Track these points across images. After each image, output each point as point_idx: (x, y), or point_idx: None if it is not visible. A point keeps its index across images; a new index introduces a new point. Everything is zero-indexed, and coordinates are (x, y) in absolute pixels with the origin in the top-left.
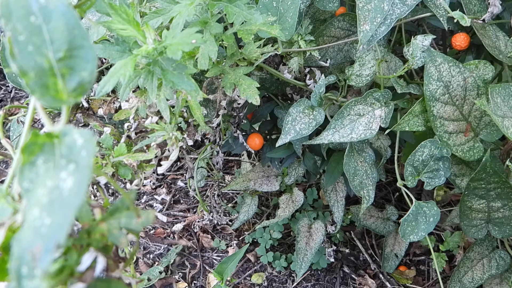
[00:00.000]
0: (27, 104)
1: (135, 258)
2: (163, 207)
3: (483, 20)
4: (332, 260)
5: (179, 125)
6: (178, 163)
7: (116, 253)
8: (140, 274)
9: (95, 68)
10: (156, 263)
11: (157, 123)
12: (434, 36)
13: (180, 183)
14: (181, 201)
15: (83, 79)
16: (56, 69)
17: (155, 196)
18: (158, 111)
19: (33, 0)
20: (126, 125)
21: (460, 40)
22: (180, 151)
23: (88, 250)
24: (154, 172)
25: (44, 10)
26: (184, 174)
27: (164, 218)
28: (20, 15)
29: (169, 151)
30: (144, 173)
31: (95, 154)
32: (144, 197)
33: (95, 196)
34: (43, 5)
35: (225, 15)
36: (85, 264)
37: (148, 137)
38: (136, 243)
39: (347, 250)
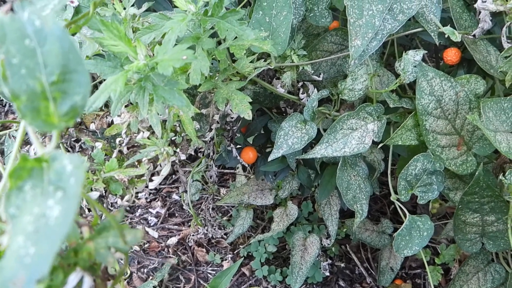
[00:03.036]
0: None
1: (128, 272)
2: (158, 221)
3: (474, 36)
4: (328, 273)
5: (172, 138)
6: (173, 176)
7: (105, 271)
8: None
9: (88, 92)
10: (150, 277)
11: (148, 138)
12: (426, 51)
13: (175, 196)
14: (176, 214)
15: (75, 103)
16: (48, 93)
17: (150, 210)
18: (150, 126)
19: (28, 22)
20: (118, 140)
21: (451, 55)
22: (174, 164)
23: (74, 270)
24: (146, 186)
25: (39, 33)
26: (179, 187)
27: (155, 234)
28: (14, 37)
29: (160, 166)
30: (136, 188)
31: (84, 181)
32: (139, 210)
33: (89, 210)
34: (38, 28)
35: (217, 29)
36: (71, 284)
37: (140, 152)
38: (125, 261)
39: (342, 264)
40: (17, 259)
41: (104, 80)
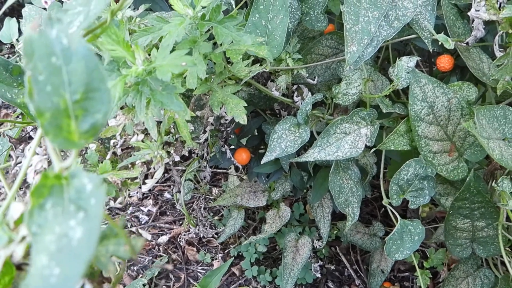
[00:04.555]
0: (17, 117)
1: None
2: (149, 219)
3: (467, 43)
4: (318, 275)
5: (167, 140)
6: (165, 174)
7: (101, 275)
8: (124, 287)
9: (109, 110)
10: (140, 275)
11: (143, 141)
12: (419, 58)
13: (167, 195)
14: (168, 213)
15: (96, 121)
16: (71, 111)
17: (141, 208)
18: (145, 128)
19: (56, 40)
20: (112, 141)
21: (444, 62)
22: (167, 164)
23: None
24: (139, 187)
25: (66, 52)
26: (171, 186)
27: (148, 236)
28: (42, 54)
29: (154, 168)
30: (129, 190)
31: (104, 203)
32: (130, 208)
33: None
34: (65, 46)
35: (215, 34)
36: None
37: (134, 154)
38: (122, 267)
39: (332, 266)
40: (43, 279)
41: None
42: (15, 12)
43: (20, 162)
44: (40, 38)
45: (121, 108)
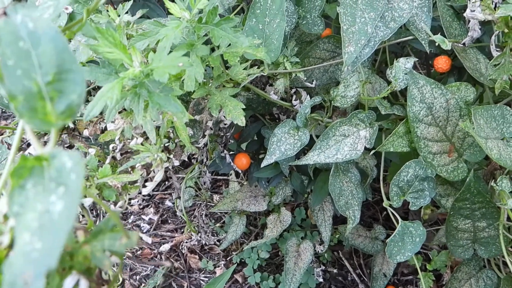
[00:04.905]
0: (15, 125)
1: (120, 279)
2: (151, 227)
3: (464, 44)
4: (321, 280)
5: (166, 145)
6: (166, 182)
7: (99, 276)
8: None
9: (84, 91)
10: (143, 284)
11: (142, 144)
12: (416, 59)
13: (168, 203)
14: (169, 221)
15: (72, 101)
16: (44, 93)
17: (143, 216)
18: (144, 132)
19: (21, 25)
20: (111, 146)
21: (441, 63)
22: (167, 170)
23: (70, 273)
24: (140, 193)
25: (33, 35)
26: (172, 194)
27: (149, 240)
28: (9, 40)
29: (154, 172)
30: (129, 194)
31: (83, 176)
32: (132, 217)
33: (82, 216)
34: (31, 30)
35: (211, 37)
36: (68, 287)
37: (133, 158)
38: (120, 265)
39: (335, 270)
40: (25, 255)
41: (99, 86)
42: None
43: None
44: (5, 24)
45: (120, 112)
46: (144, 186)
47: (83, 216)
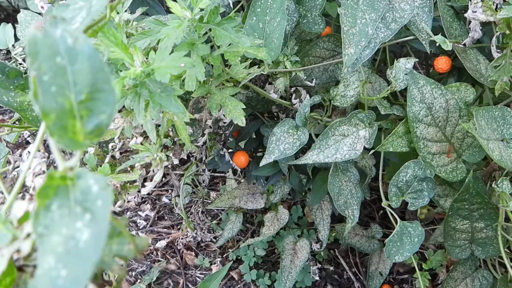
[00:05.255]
0: (14, 122)
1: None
2: (147, 224)
3: (464, 45)
4: (317, 278)
5: (165, 144)
6: (163, 179)
7: (101, 278)
8: None
9: (114, 111)
10: (138, 280)
11: (141, 143)
12: (417, 59)
13: (164, 199)
14: (166, 218)
15: (101, 121)
16: (76, 111)
17: (139, 212)
18: (144, 131)
19: (61, 40)
20: (110, 145)
21: (442, 63)
22: (165, 168)
23: None
24: (138, 191)
25: (71, 51)
26: (169, 190)
27: (149, 239)
28: (46, 54)
29: (153, 171)
30: (128, 193)
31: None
32: (128, 213)
33: None
34: (70, 46)
35: (213, 36)
36: None
37: (133, 158)
38: (124, 268)
39: (331, 268)
40: (50, 280)
41: None
42: (11, 18)
43: (18, 167)
44: (44, 38)
45: (119, 111)
46: (143, 185)
47: None
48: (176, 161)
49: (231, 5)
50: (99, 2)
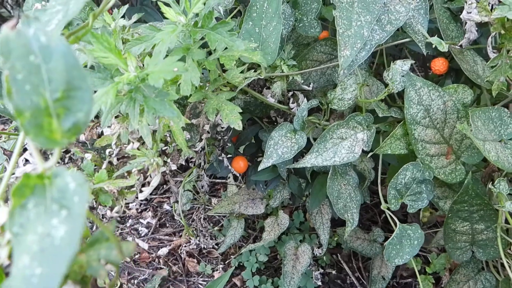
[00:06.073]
0: (12, 130)
1: (118, 283)
2: (149, 231)
3: (461, 46)
4: (320, 283)
5: (163, 149)
6: (164, 186)
7: (95, 284)
8: None
9: (91, 109)
10: None
11: (138, 149)
12: (413, 61)
13: (166, 206)
14: (167, 225)
15: (78, 119)
16: (52, 109)
17: (141, 220)
18: (140, 136)
19: (34, 39)
20: (107, 151)
21: (438, 65)
22: (165, 174)
23: (66, 283)
24: (136, 197)
25: (45, 50)
26: (171, 197)
27: (145, 246)
28: (19, 53)
29: (150, 176)
30: (125, 199)
31: (88, 201)
32: (130, 221)
33: None
34: (44, 44)
35: (208, 40)
36: None
37: (130, 163)
38: (116, 274)
39: (334, 273)
40: (24, 279)
41: (94, 91)
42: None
43: (14, 173)
44: (17, 36)
45: (116, 117)
46: (141, 191)
47: None
48: (174, 167)
49: (222, 14)
50: (76, 5)
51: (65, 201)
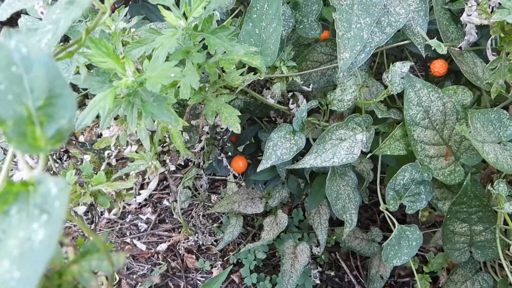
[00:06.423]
0: None
1: (117, 279)
2: (148, 227)
3: (460, 48)
4: (318, 282)
5: (162, 149)
6: (164, 182)
7: None
8: None
9: (73, 116)
10: (139, 284)
11: (136, 151)
12: (413, 63)
13: (165, 202)
14: (167, 221)
15: (61, 126)
16: (34, 117)
17: (140, 216)
18: (139, 139)
19: (15, 50)
20: (106, 152)
21: (438, 67)
22: (164, 172)
23: None
24: (134, 198)
25: (26, 60)
26: (170, 193)
27: (143, 247)
28: (1, 65)
29: (149, 179)
30: (123, 201)
31: (68, 205)
32: (129, 216)
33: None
34: (24, 55)
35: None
36: None
37: (128, 165)
38: (109, 282)
39: (332, 272)
40: (2, 284)
41: (93, 95)
42: (14, 21)
43: (12, 176)
44: None
45: (115, 118)
46: (139, 193)
47: (75, 225)
48: (173, 168)
49: (229, 12)
50: (65, 24)
51: (46, 206)
